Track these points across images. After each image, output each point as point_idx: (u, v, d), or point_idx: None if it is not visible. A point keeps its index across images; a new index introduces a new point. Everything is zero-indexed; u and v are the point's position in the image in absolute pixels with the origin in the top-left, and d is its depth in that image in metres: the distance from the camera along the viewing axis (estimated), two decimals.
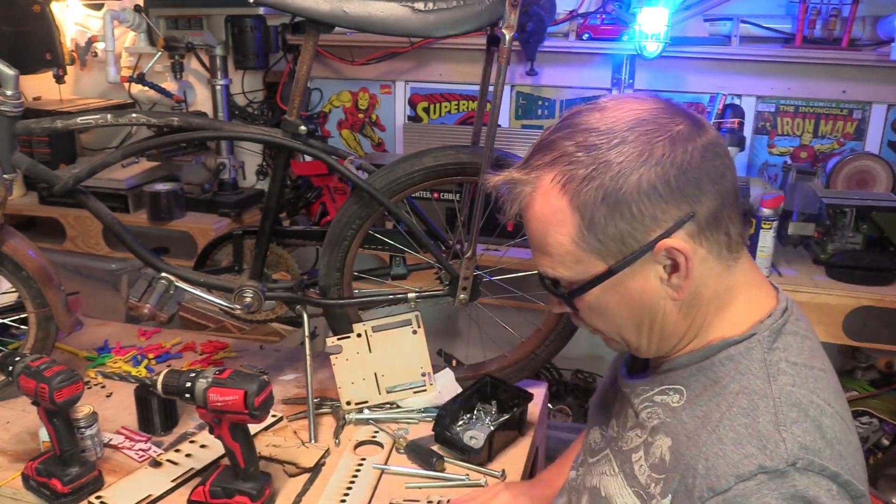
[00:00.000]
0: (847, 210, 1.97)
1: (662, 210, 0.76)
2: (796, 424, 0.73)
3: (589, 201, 0.76)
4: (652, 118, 0.78)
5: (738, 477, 0.72)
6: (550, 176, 0.79)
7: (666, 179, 0.75)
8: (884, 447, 2.23)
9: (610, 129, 0.77)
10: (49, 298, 1.50)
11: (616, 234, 0.77)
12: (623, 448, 0.89)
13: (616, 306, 0.83)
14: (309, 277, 1.59)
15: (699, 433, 0.77)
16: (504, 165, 1.41)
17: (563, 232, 0.79)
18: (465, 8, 1.28)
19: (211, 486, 1.21)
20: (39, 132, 1.40)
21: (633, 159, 0.75)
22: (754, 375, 0.78)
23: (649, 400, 0.86)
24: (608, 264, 0.79)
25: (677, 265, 0.78)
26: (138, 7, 2.50)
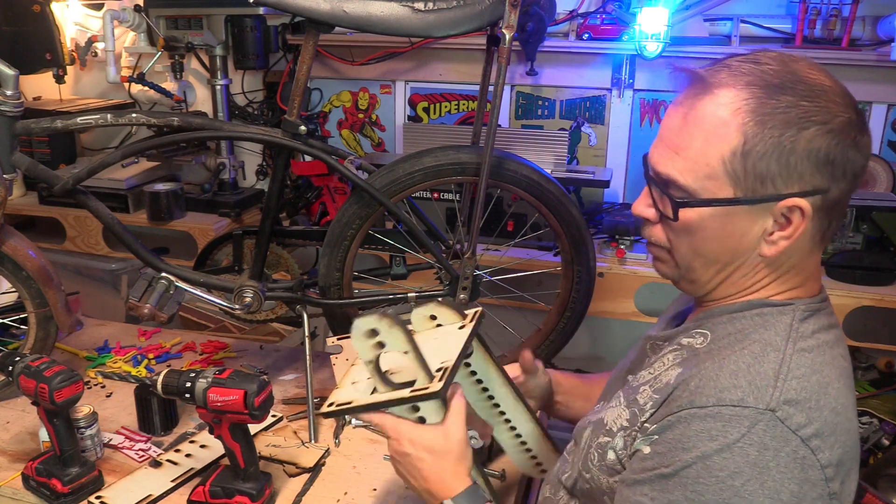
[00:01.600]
0: (847, 210, 1.97)
1: (812, 174, 0.78)
2: (796, 380, 0.77)
3: (761, 133, 0.78)
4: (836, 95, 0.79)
5: (718, 400, 0.76)
6: (735, 91, 0.80)
7: (831, 150, 0.77)
8: (884, 447, 2.23)
9: (810, 84, 0.79)
10: (49, 298, 1.50)
11: (762, 172, 0.79)
12: (633, 384, 0.92)
13: (711, 235, 0.83)
14: (309, 277, 1.59)
15: (705, 362, 0.82)
16: (504, 165, 1.41)
17: (718, 146, 0.79)
18: (465, 8, 1.28)
19: (211, 486, 1.21)
20: (39, 132, 1.40)
21: (819, 119, 0.77)
22: (776, 332, 0.82)
23: (677, 343, 0.90)
24: (736, 194, 0.80)
25: (787, 225, 0.81)
26: (138, 7, 2.50)
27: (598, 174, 2.28)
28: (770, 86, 0.79)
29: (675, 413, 0.79)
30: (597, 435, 0.93)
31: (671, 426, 0.79)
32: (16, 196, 2.56)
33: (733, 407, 0.75)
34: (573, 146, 2.49)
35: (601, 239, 2.20)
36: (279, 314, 1.66)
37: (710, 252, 0.85)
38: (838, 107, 0.78)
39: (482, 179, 1.35)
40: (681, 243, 0.87)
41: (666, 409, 0.81)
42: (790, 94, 0.78)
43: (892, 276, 1.95)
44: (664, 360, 0.89)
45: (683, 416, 0.78)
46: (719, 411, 0.75)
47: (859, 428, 2.15)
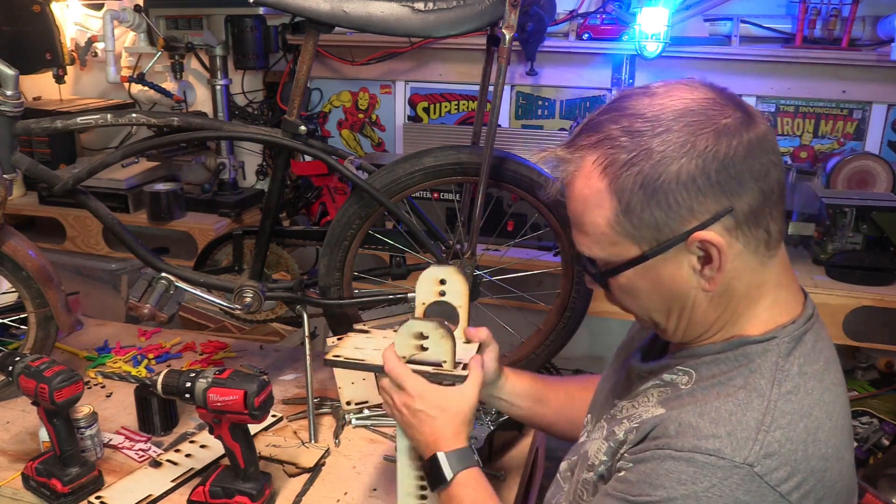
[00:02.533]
0: (847, 210, 1.96)
1: (700, 202, 0.76)
2: (780, 430, 0.74)
3: (627, 186, 0.77)
4: (700, 109, 0.77)
5: (694, 448, 0.74)
6: (593, 157, 0.79)
7: (706, 172, 0.74)
8: (884, 447, 2.23)
9: (656, 117, 0.77)
10: (49, 298, 1.50)
11: (651, 221, 0.77)
12: (616, 416, 0.91)
13: (647, 290, 0.83)
14: (309, 277, 1.59)
15: (688, 406, 0.79)
16: (504, 165, 1.41)
17: (600, 214, 0.79)
18: (465, 8, 1.28)
19: (211, 486, 1.21)
20: (39, 132, 1.40)
21: (675, 149, 0.75)
22: (761, 376, 0.78)
23: (659, 378, 0.87)
24: (642, 249, 0.79)
25: (710, 258, 0.78)
26: (138, 7, 2.50)
27: None
28: (624, 135, 0.77)
29: (651, 449, 0.78)
30: (583, 469, 0.91)
31: (646, 460, 0.78)
32: (16, 196, 2.56)
33: (708, 455, 0.73)
34: None
35: None
36: (279, 314, 1.66)
37: (657, 304, 0.84)
38: (697, 126, 0.75)
39: (482, 179, 1.35)
40: (628, 305, 0.88)
41: (644, 444, 0.80)
42: (642, 137, 0.76)
43: (892, 276, 1.95)
44: (648, 396, 0.87)
45: (659, 454, 0.76)
46: (693, 457, 0.73)
47: (860, 427, 2.18)
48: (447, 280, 1.07)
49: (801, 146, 2.35)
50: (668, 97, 0.78)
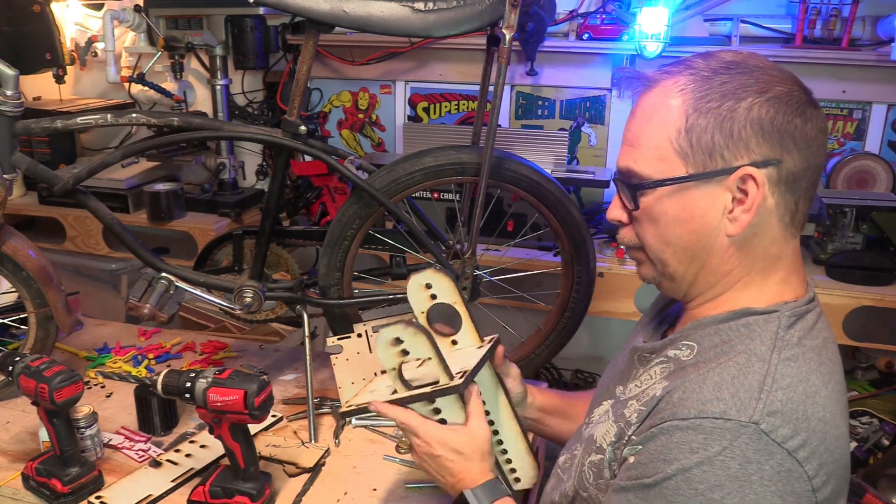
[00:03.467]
0: (847, 210, 1.96)
1: (757, 143, 0.80)
2: (781, 391, 0.76)
3: (700, 108, 0.81)
4: (777, 71, 0.83)
5: (700, 412, 0.76)
6: (675, 79, 0.84)
7: (772, 118, 0.79)
8: (884, 447, 2.23)
9: (740, 62, 0.83)
10: (49, 298, 1.50)
11: (709, 145, 0.81)
12: (621, 398, 0.93)
13: (674, 218, 0.85)
14: (309, 277, 1.59)
15: (690, 374, 0.81)
16: (504, 165, 1.41)
17: (662, 128, 0.83)
18: (465, 8, 1.28)
19: (211, 486, 1.21)
20: (39, 132, 1.40)
21: (753, 88, 0.80)
22: (762, 343, 0.81)
23: (664, 356, 0.89)
24: (688, 171, 0.82)
25: (746, 197, 0.81)
26: (138, 7, 2.50)
27: (598, 174, 2.28)
28: (708, 69, 0.83)
29: (658, 425, 0.79)
30: (588, 453, 0.93)
31: (654, 437, 0.79)
32: (16, 196, 2.56)
33: (715, 419, 0.74)
34: (573, 146, 2.49)
35: (601, 239, 2.20)
36: (279, 314, 1.66)
37: (677, 237, 0.86)
38: (776, 80, 0.81)
39: (482, 179, 1.35)
40: (648, 235, 0.88)
41: (650, 420, 0.81)
42: (725, 74, 0.81)
43: (892, 276, 1.95)
44: (651, 373, 0.89)
45: (666, 427, 0.78)
46: (701, 423, 0.75)
47: (860, 427, 2.18)
48: (431, 282, 1.08)
49: None
50: (752, 57, 0.84)
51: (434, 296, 1.09)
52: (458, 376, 0.97)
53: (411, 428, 1.00)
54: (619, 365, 1.04)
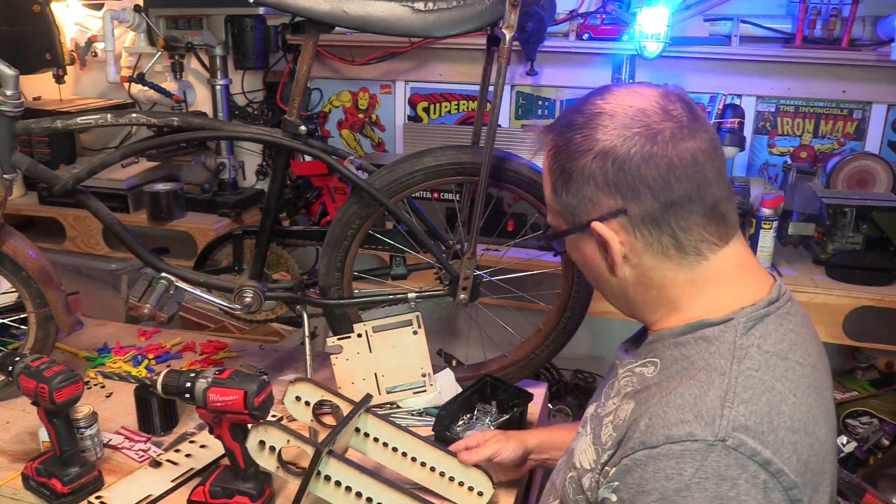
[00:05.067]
0: (847, 210, 1.97)
1: (597, 197, 0.84)
2: (744, 405, 0.75)
3: (555, 170, 0.88)
4: (622, 115, 0.83)
5: (667, 437, 0.75)
6: (549, 139, 0.90)
7: (604, 171, 0.82)
8: (884, 447, 2.22)
9: (590, 116, 0.85)
10: (49, 298, 1.50)
11: (567, 205, 0.88)
12: (600, 414, 0.93)
13: (580, 262, 0.95)
14: (309, 277, 1.58)
15: (655, 397, 0.81)
16: (504, 165, 1.41)
17: (546, 188, 0.92)
18: (465, 8, 1.28)
19: (211, 486, 1.21)
20: (39, 132, 1.40)
21: (586, 146, 0.84)
22: (720, 356, 0.80)
23: (630, 371, 0.90)
24: (566, 226, 0.91)
25: (603, 245, 0.87)
26: (138, 7, 2.50)
27: None
28: (562, 126, 0.87)
29: (629, 455, 0.78)
30: (568, 468, 0.94)
31: (628, 470, 0.77)
32: (16, 196, 2.56)
33: (683, 442, 0.74)
34: None
35: None
36: (279, 314, 1.66)
37: (591, 275, 0.95)
38: (611, 128, 0.82)
39: (482, 179, 1.35)
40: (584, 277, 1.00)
41: (622, 450, 0.80)
42: (571, 130, 0.85)
43: (892, 276, 1.95)
44: (620, 387, 0.90)
45: (638, 458, 0.77)
46: (670, 449, 0.74)
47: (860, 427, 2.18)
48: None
49: (801, 146, 2.35)
50: (612, 101, 0.85)
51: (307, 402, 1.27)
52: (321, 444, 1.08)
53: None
54: (609, 373, 1.05)
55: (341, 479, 1.10)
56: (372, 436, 1.23)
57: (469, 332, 2.35)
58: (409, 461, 1.23)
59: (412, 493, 1.11)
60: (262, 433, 1.10)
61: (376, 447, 1.23)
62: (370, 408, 1.24)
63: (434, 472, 1.22)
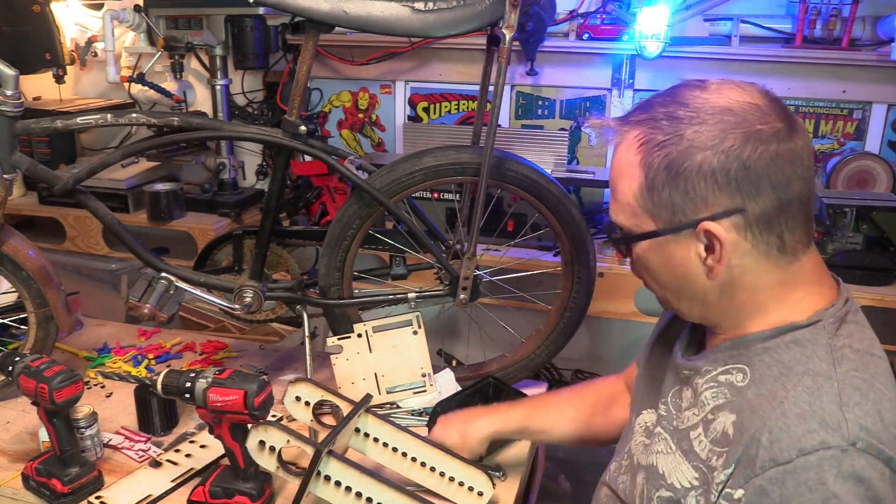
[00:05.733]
0: (847, 210, 1.97)
1: (714, 196, 0.80)
2: (858, 406, 0.76)
3: (654, 165, 0.82)
4: (739, 110, 0.80)
5: (800, 451, 0.74)
6: (636, 133, 0.85)
7: (726, 170, 0.79)
8: None
9: (698, 109, 0.81)
10: (49, 298, 1.50)
11: (668, 203, 0.82)
12: (679, 427, 0.91)
13: (659, 266, 0.88)
14: (309, 277, 1.59)
15: (764, 408, 0.79)
16: (505, 165, 1.41)
17: (629, 184, 0.85)
18: (465, 8, 1.28)
19: (211, 486, 1.21)
20: (39, 132, 1.40)
21: (703, 141, 0.79)
22: (819, 359, 0.80)
23: (713, 380, 0.88)
24: (657, 226, 0.85)
25: (713, 248, 0.82)
26: (138, 7, 2.50)
27: (598, 174, 2.28)
28: (659, 118, 0.83)
29: (759, 475, 0.76)
30: (655, 486, 0.91)
31: (764, 491, 0.75)
32: (16, 196, 2.56)
33: (816, 452, 0.73)
34: (573, 146, 2.49)
35: (601, 239, 2.20)
36: (279, 314, 1.66)
37: (667, 282, 0.90)
38: (732, 124, 0.79)
39: (482, 179, 1.35)
40: (645, 277, 0.93)
41: (745, 469, 0.77)
42: (677, 123, 0.81)
43: (892, 276, 1.95)
44: (704, 399, 0.87)
45: (772, 476, 0.75)
46: (806, 461, 0.73)
47: None
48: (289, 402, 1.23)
49: None
50: (717, 94, 0.82)
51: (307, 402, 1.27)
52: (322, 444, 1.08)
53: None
54: (657, 369, 1.04)
55: (341, 479, 1.10)
56: (372, 436, 1.23)
57: (469, 332, 2.35)
58: (409, 461, 1.23)
59: (412, 493, 1.11)
60: (262, 433, 1.10)
61: (376, 447, 1.23)
62: (370, 408, 1.24)
63: (434, 472, 1.22)
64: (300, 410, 1.28)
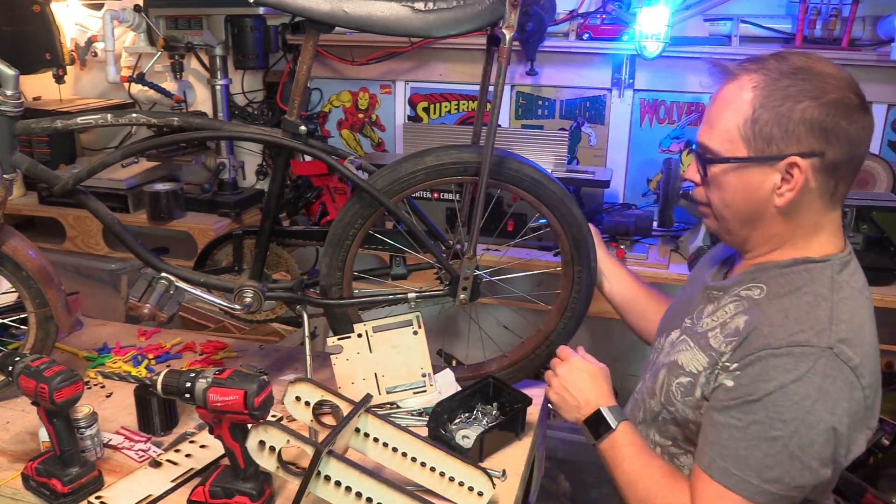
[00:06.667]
0: (847, 210, 1.97)
1: (807, 138, 1.00)
2: (843, 324, 1.00)
3: (766, 104, 1.01)
4: (839, 77, 1.01)
5: (789, 343, 0.99)
6: (750, 76, 1.03)
7: (822, 120, 0.98)
8: (884, 447, 2.22)
9: (808, 67, 1.01)
10: (49, 298, 1.50)
11: (768, 136, 1.01)
12: (698, 331, 1.14)
13: (734, 187, 1.07)
14: (309, 277, 1.58)
15: (770, 311, 1.03)
16: (505, 165, 1.41)
17: (734, 116, 1.03)
18: (465, 8, 1.28)
19: (211, 486, 1.21)
20: (39, 132, 1.40)
21: (809, 93, 0.99)
22: (823, 286, 1.04)
23: (736, 295, 1.11)
24: (748, 153, 1.03)
25: (790, 178, 1.02)
26: (138, 7, 2.50)
27: (598, 174, 2.28)
28: (778, 71, 1.01)
29: (753, 353, 1.00)
30: (675, 375, 1.15)
31: (751, 364, 1.00)
32: (16, 196, 2.56)
33: (801, 346, 0.98)
34: (573, 146, 2.50)
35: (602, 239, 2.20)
36: (279, 314, 1.66)
37: (735, 203, 1.08)
38: (832, 87, 0.99)
39: (483, 179, 1.35)
40: (714, 197, 1.11)
41: (744, 350, 1.02)
42: (791, 78, 1.00)
43: (892, 276, 1.96)
44: (726, 310, 1.10)
45: (762, 355, 0.99)
46: (791, 350, 0.98)
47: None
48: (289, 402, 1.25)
49: None
50: (820, 62, 1.03)
51: (307, 402, 1.27)
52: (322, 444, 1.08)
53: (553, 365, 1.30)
54: (683, 300, 1.28)
55: (341, 479, 1.10)
56: (372, 436, 1.23)
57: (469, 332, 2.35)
58: (409, 461, 1.23)
59: (412, 493, 1.11)
60: (262, 433, 1.10)
61: (376, 447, 1.23)
62: (370, 408, 1.24)
63: (434, 473, 1.22)
64: (300, 410, 1.28)
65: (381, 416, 1.24)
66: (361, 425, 1.23)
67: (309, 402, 1.28)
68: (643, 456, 1.16)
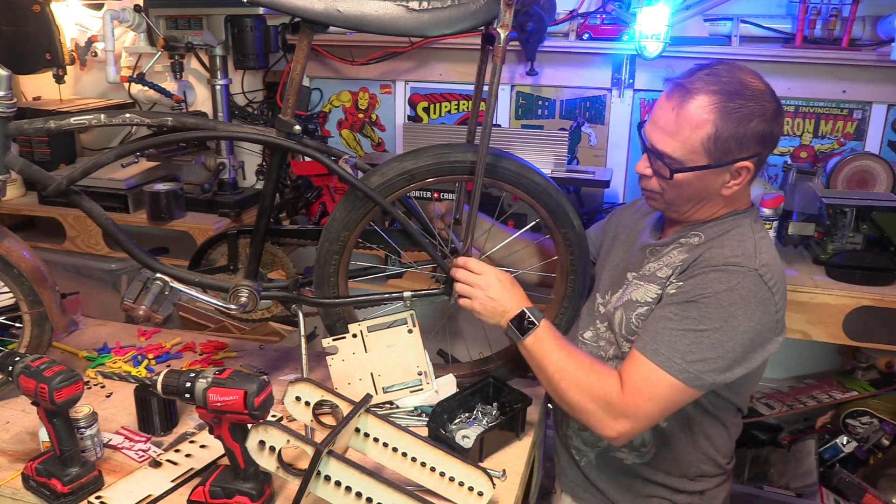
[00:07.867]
0: (847, 210, 1.96)
1: (755, 145, 1.25)
2: (764, 254, 1.27)
3: (728, 124, 1.22)
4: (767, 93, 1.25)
5: (725, 263, 1.24)
6: (710, 98, 1.23)
7: (764, 132, 1.24)
8: (884, 447, 2.22)
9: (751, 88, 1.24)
10: (43, 299, 1.50)
11: (726, 147, 1.24)
12: (645, 273, 1.37)
13: (690, 186, 1.29)
14: (304, 276, 1.58)
15: (710, 245, 1.30)
16: (500, 164, 1.41)
17: (697, 132, 1.24)
18: (459, 7, 1.27)
19: (211, 486, 1.21)
20: (32, 132, 1.39)
21: (756, 111, 1.23)
22: (746, 228, 1.32)
23: (677, 243, 1.35)
24: (709, 161, 1.25)
25: (739, 176, 1.28)
26: (138, 7, 2.50)
27: (598, 174, 2.28)
28: (727, 92, 1.23)
29: (696, 269, 1.26)
30: (632, 309, 1.35)
31: (693, 276, 1.26)
32: (16, 196, 2.56)
33: (734, 266, 1.23)
34: (573, 146, 2.49)
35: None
36: (275, 313, 1.66)
37: (691, 196, 1.31)
38: (767, 102, 1.24)
39: (478, 178, 1.35)
40: (671, 192, 1.32)
41: (688, 271, 1.27)
42: (741, 98, 1.23)
43: (892, 276, 1.95)
44: (671, 255, 1.34)
45: (703, 269, 1.25)
46: (726, 268, 1.23)
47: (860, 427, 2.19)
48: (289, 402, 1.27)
49: (801, 146, 2.35)
50: (753, 77, 1.26)
51: (307, 402, 1.29)
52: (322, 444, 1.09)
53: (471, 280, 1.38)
54: (618, 263, 1.48)
55: (341, 479, 1.10)
56: (372, 436, 1.23)
57: (469, 332, 2.35)
58: (409, 461, 1.23)
59: (412, 493, 1.11)
60: (262, 433, 1.10)
61: (376, 447, 1.23)
62: (370, 408, 1.24)
63: (434, 473, 1.22)
64: (300, 410, 1.28)
65: (381, 416, 1.24)
66: (361, 425, 1.23)
67: (309, 402, 1.28)
68: (568, 347, 1.32)
